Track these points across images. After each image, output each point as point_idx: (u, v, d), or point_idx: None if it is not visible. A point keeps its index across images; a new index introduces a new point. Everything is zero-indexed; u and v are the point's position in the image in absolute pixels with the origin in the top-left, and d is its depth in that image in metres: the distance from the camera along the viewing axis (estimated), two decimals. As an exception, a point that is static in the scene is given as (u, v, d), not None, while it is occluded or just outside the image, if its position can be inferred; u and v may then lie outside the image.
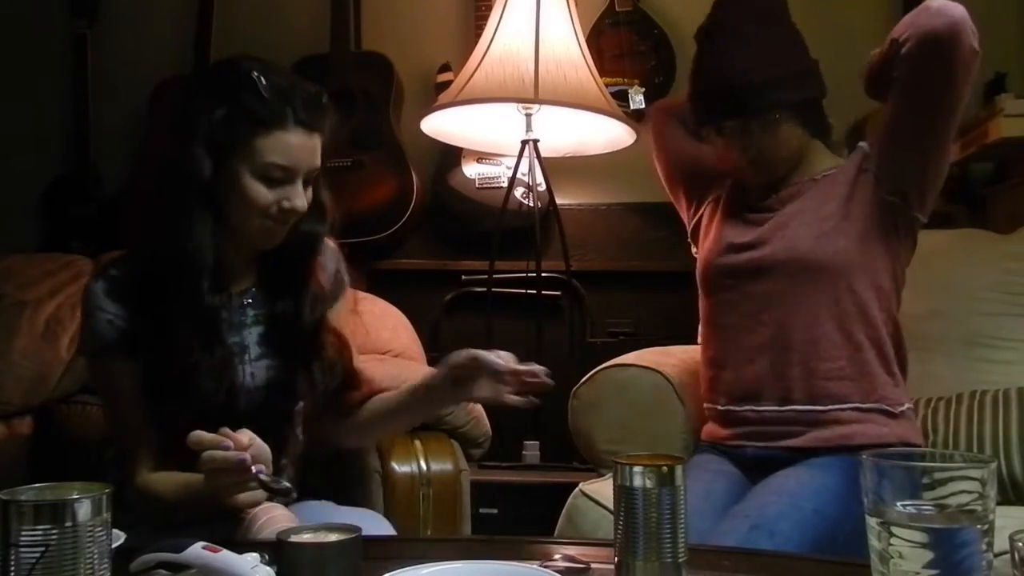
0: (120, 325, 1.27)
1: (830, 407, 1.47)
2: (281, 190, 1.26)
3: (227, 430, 1.11)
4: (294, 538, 0.89)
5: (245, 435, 1.12)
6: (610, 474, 1.28)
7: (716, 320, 1.65)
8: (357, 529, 0.91)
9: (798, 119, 1.59)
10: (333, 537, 0.90)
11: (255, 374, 1.35)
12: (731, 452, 1.56)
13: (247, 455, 1.09)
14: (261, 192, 1.25)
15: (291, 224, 1.30)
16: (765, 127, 1.56)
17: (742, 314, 1.57)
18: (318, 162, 1.29)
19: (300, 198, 1.27)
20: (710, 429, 1.62)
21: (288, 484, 1.12)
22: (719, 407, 1.60)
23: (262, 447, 1.13)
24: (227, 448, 1.09)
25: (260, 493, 1.14)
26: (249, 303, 1.37)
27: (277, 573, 0.90)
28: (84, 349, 1.32)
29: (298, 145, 1.25)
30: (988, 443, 1.65)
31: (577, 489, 1.66)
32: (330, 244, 1.44)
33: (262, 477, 1.10)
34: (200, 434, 1.11)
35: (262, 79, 1.24)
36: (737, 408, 1.56)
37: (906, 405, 1.52)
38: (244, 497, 1.13)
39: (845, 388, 1.47)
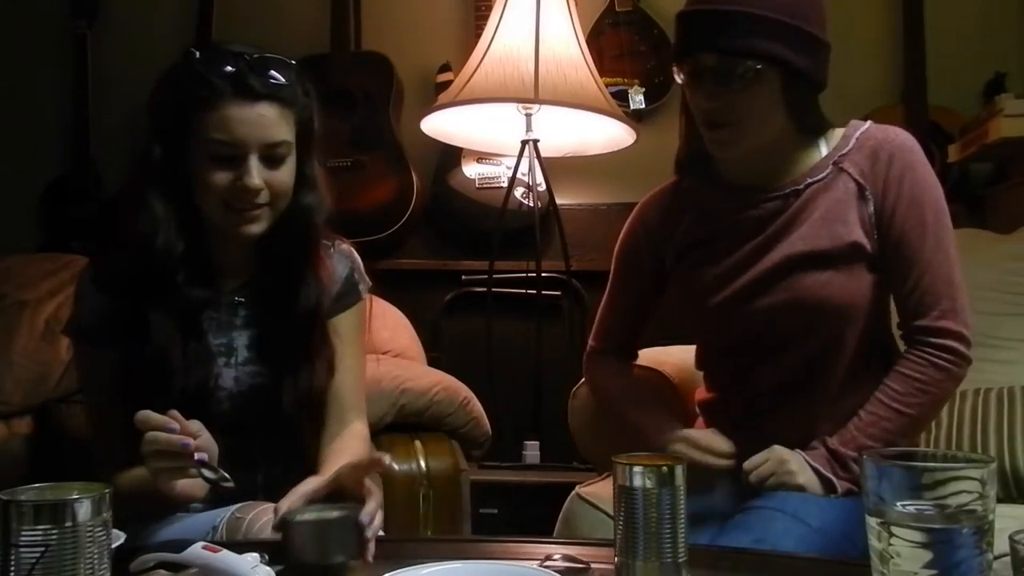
0: (101, 314, 1.25)
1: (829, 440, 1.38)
2: (234, 171, 1.19)
3: (176, 413, 1.08)
4: (297, 517, 0.95)
5: (195, 424, 1.08)
6: (609, 474, 1.28)
7: (709, 362, 1.54)
8: (356, 507, 0.97)
9: (783, 93, 1.33)
10: (335, 514, 0.95)
11: (240, 378, 1.29)
12: None
13: (191, 440, 1.05)
14: (214, 175, 1.19)
15: (261, 207, 1.22)
16: (742, 76, 1.30)
17: (738, 364, 1.44)
18: (278, 135, 1.20)
19: (250, 175, 1.18)
20: None
21: (228, 477, 1.08)
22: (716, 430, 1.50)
23: (209, 441, 1.10)
24: (173, 430, 1.05)
25: (199, 486, 1.11)
26: (241, 302, 1.31)
27: (285, 549, 0.94)
28: (68, 330, 1.30)
29: (239, 119, 1.17)
30: (992, 441, 1.65)
31: (574, 492, 1.64)
32: (343, 246, 1.38)
33: (204, 471, 1.06)
34: (147, 414, 1.07)
35: (195, 55, 1.19)
36: (736, 434, 1.45)
37: None
38: (183, 485, 1.10)
39: (842, 425, 1.37)
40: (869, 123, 1.41)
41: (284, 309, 1.28)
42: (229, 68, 1.17)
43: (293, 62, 1.24)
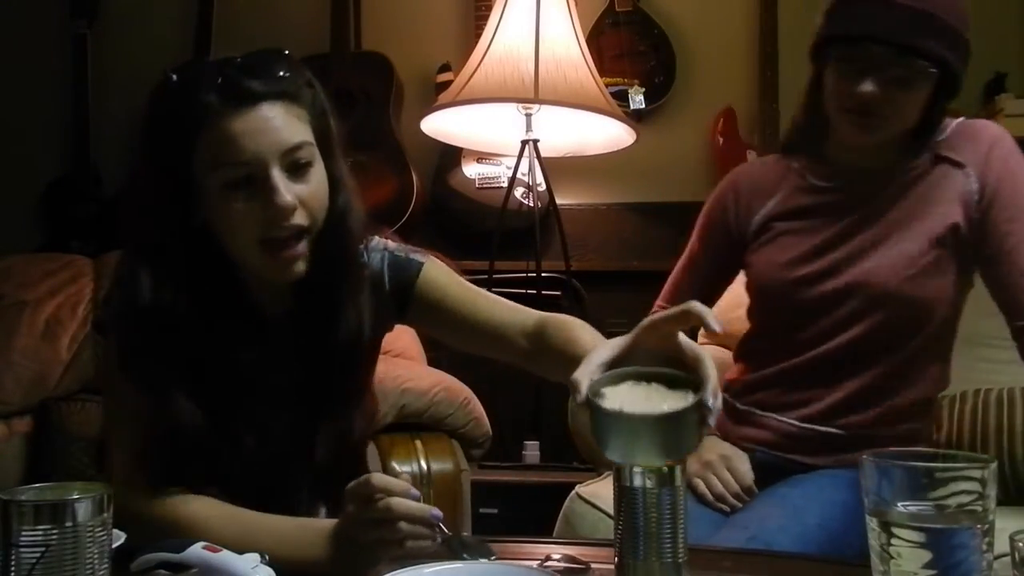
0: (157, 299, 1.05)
1: (866, 434, 1.37)
2: (259, 195, 0.99)
3: (409, 481, 0.96)
4: (619, 407, 0.75)
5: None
6: (609, 474, 1.28)
7: (769, 331, 1.49)
8: (682, 377, 0.78)
9: (930, 94, 1.33)
10: (667, 406, 0.75)
11: (283, 419, 1.13)
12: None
13: (440, 512, 0.93)
14: (236, 207, 1.00)
15: (301, 236, 1.03)
16: (913, 75, 1.30)
17: (801, 341, 1.42)
18: (294, 137, 1.01)
19: (277, 192, 0.99)
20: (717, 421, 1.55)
21: (491, 550, 0.96)
22: (739, 405, 1.48)
23: None
24: (416, 498, 0.93)
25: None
26: (283, 340, 1.11)
27: (594, 435, 0.78)
28: (102, 316, 1.12)
29: (244, 129, 0.98)
30: (992, 442, 1.65)
31: (573, 492, 1.64)
32: (372, 241, 1.18)
33: (455, 544, 0.94)
34: (386, 479, 0.94)
35: (173, 77, 1.02)
36: (760, 413, 1.45)
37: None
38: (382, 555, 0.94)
39: (894, 428, 1.38)
40: (962, 118, 1.43)
41: (324, 341, 1.10)
42: (216, 77, 0.99)
43: (288, 52, 1.06)
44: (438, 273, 1.20)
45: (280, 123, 1.00)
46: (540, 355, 1.11)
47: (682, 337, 0.85)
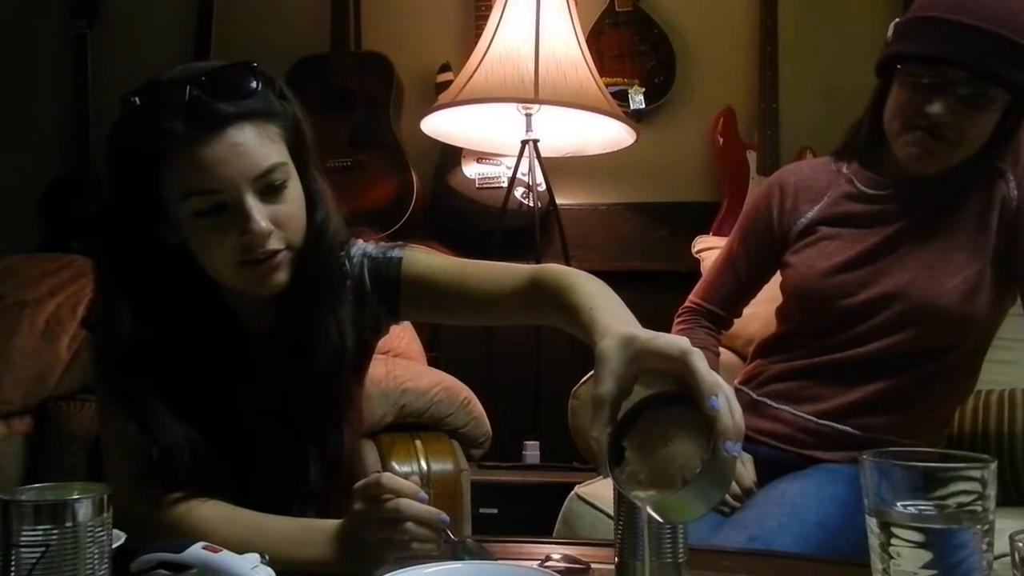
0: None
1: (882, 439, 1.36)
2: (232, 221, 0.98)
3: (417, 481, 0.97)
4: (634, 481, 0.74)
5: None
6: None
7: (799, 331, 1.47)
8: (695, 414, 0.73)
9: (1000, 119, 1.30)
10: (695, 473, 0.71)
11: (271, 437, 1.12)
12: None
13: (447, 516, 0.95)
14: (210, 235, 0.99)
15: (279, 251, 1.02)
16: (988, 101, 1.26)
17: (832, 343, 1.41)
18: (266, 159, 0.98)
19: (252, 220, 0.97)
20: None
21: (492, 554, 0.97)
22: (754, 396, 1.47)
23: None
24: (424, 500, 0.95)
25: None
26: (266, 359, 1.11)
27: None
28: (88, 320, 1.11)
29: (212, 157, 0.95)
30: (993, 443, 1.65)
31: (573, 492, 1.65)
32: (355, 244, 1.18)
33: (459, 548, 0.95)
34: (397, 480, 0.95)
35: (135, 101, 0.97)
36: (774, 405, 1.44)
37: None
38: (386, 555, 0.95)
39: (911, 435, 1.37)
40: None
41: (306, 357, 1.09)
42: (180, 101, 0.95)
43: (255, 64, 1.01)
44: (419, 259, 1.16)
45: (251, 146, 0.97)
46: (538, 308, 1.09)
47: (691, 368, 0.74)
